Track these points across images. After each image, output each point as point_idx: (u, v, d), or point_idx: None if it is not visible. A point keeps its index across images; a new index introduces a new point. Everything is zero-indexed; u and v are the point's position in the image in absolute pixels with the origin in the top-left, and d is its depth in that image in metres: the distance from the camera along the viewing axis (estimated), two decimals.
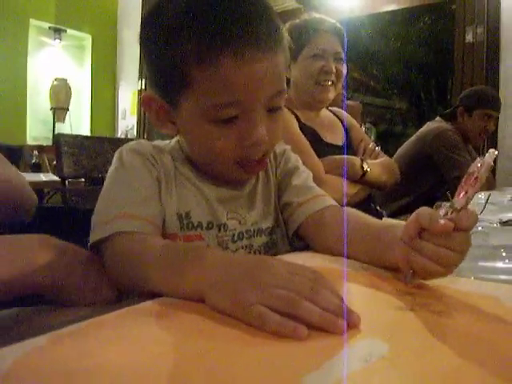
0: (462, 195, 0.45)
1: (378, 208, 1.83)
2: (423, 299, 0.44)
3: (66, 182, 0.99)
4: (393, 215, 1.94)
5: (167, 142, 0.72)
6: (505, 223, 0.94)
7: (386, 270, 0.54)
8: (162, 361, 0.29)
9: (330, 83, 1.37)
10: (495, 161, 2.00)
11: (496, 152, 0.46)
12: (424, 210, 0.47)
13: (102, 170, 1.03)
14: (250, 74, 0.54)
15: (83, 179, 1.05)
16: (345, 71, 1.40)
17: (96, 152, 1.02)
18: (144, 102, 0.64)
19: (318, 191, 0.74)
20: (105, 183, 0.64)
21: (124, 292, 0.55)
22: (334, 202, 0.73)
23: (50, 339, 0.32)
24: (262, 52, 0.55)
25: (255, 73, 0.55)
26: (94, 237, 0.56)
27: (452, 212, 0.44)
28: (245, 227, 0.70)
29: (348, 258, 0.59)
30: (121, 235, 0.54)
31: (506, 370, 0.30)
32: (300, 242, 0.74)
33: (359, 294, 0.46)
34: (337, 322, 0.34)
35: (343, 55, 1.38)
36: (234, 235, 0.68)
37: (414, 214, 0.47)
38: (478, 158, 0.47)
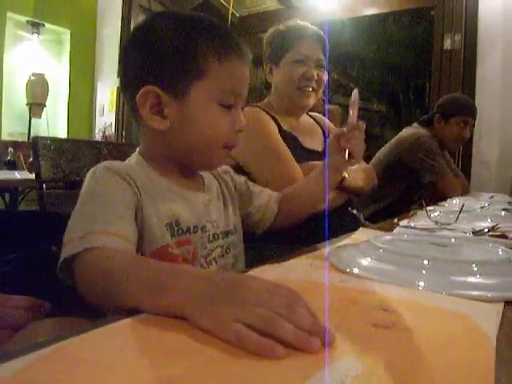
0: (350, 118, 0.91)
1: (355, 211, 1.85)
2: (397, 315, 0.45)
3: (44, 185, 0.97)
4: (369, 218, 1.96)
5: (126, 162, 0.77)
6: (477, 232, 0.96)
7: (364, 284, 0.55)
8: None
9: (310, 89, 1.38)
10: (469, 165, 2.08)
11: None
12: (334, 129, 0.78)
13: (81, 174, 1.02)
14: (246, 73, 0.75)
15: (61, 182, 1.03)
16: (326, 78, 1.41)
17: (74, 155, 1.01)
18: (142, 96, 0.69)
19: (267, 190, 0.99)
20: (78, 201, 0.65)
21: (97, 308, 0.54)
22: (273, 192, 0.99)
23: (37, 358, 0.31)
24: (248, 63, 0.76)
25: (247, 73, 0.76)
26: (64, 253, 0.57)
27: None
28: (218, 229, 0.80)
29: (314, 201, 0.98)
30: (92, 251, 0.55)
31: None
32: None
33: (335, 309, 0.47)
34: (311, 341, 0.35)
35: (325, 62, 1.40)
36: (209, 236, 0.77)
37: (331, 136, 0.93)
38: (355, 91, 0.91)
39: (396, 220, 1.16)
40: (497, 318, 0.44)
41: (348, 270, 0.61)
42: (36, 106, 3.94)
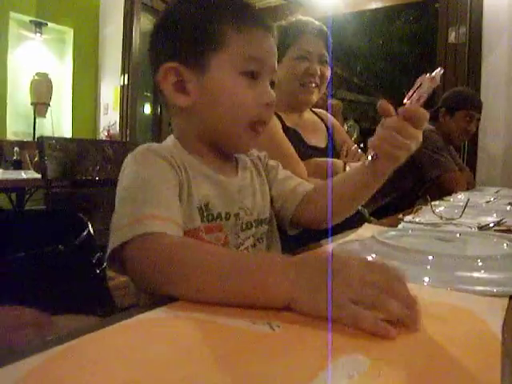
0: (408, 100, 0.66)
1: (360, 207, 1.85)
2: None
3: (50, 184, 0.98)
4: (374, 214, 1.96)
5: (164, 145, 0.74)
6: (482, 227, 0.96)
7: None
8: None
9: (313, 85, 1.38)
10: (475, 159, 2.03)
11: (438, 77, 0.65)
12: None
13: (86, 173, 1.02)
14: (269, 42, 0.71)
15: (67, 182, 1.04)
16: (329, 74, 1.41)
17: (79, 154, 1.01)
18: (163, 72, 0.68)
19: (299, 179, 0.88)
20: (120, 186, 0.62)
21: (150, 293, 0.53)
22: (309, 184, 0.86)
23: (47, 358, 0.32)
24: (273, 33, 0.73)
25: (270, 42, 0.72)
26: (114, 241, 0.54)
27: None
28: (252, 217, 0.76)
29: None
30: (145, 237, 0.52)
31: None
32: (293, 229, 0.84)
33: None
34: (412, 316, 0.39)
35: (328, 58, 1.39)
36: (242, 224, 0.74)
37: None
38: (427, 75, 0.67)
39: (401, 215, 1.16)
40: (502, 313, 0.44)
41: None
42: (40, 105, 3.96)
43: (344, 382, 0.30)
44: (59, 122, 4.26)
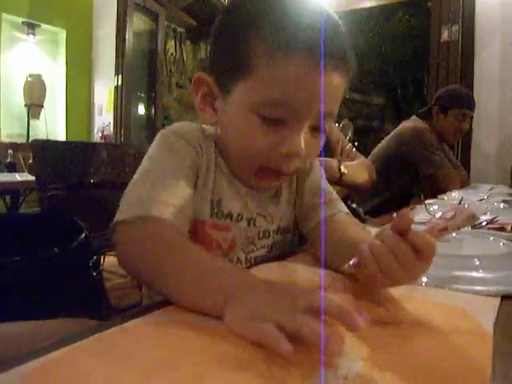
0: (432, 223, 0.47)
1: (355, 205, 1.86)
2: (397, 311, 0.45)
3: (44, 188, 0.98)
4: (369, 212, 1.98)
5: (195, 128, 0.70)
6: (475, 226, 0.97)
7: (360, 284, 0.55)
8: None
9: None
10: (469, 157, 2.04)
11: (481, 213, 0.46)
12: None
13: (80, 175, 1.02)
14: (313, 83, 0.54)
15: (61, 185, 1.04)
16: None
17: (73, 157, 1.01)
18: (195, 83, 0.64)
19: (329, 194, 0.74)
20: (144, 162, 0.62)
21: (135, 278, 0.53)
22: (343, 209, 0.72)
23: (43, 363, 0.32)
24: (332, 67, 0.55)
25: (317, 83, 0.54)
26: (122, 212, 0.54)
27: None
28: (271, 226, 0.71)
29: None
30: (147, 221, 0.52)
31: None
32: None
33: None
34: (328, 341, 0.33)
35: None
36: (259, 232, 0.70)
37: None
38: (467, 204, 0.49)
39: (395, 214, 1.16)
40: (493, 312, 0.45)
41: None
42: (34, 107, 3.94)
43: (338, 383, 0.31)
44: (53, 124, 4.24)
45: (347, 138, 3.97)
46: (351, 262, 0.48)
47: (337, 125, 3.81)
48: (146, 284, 0.48)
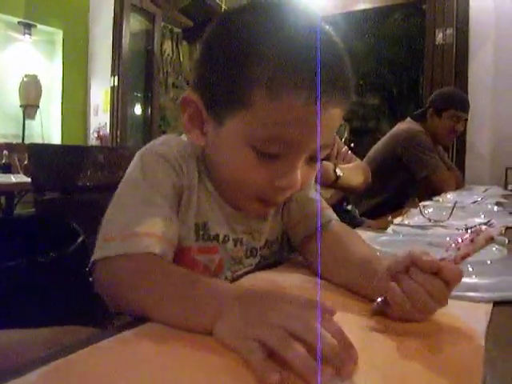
0: (451, 248, 0.47)
1: (351, 207, 1.87)
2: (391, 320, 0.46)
3: (40, 191, 0.98)
4: (365, 214, 1.98)
5: (179, 144, 0.66)
6: (469, 229, 0.98)
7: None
8: None
9: None
10: (463, 159, 2.04)
11: (498, 233, 0.45)
12: (419, 249, 0.47)
13: (77, 179, 1.02)
14: (315, 121, 0.51)
15: (57, 188, 1.04)
16: None
17: (70, 161, 1.01)
18: (182, 103, 0.60)
19: (318, 204, 0.72)
20: (121, 186, 0.60)
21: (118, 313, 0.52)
22: (333, 216, 0.71)
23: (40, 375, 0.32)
24: (334, 103, 0.52)
25: (313, 119, 0.51)
26: (104, 250, 0.52)
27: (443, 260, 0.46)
28: (259, 243, 0.69)
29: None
30: (131, 256, 0.50)
31: None
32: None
33: None
34: (316, 372, 0.32)
35: None
36: (247, 250, 0.68)
37: (407, 250, 0.47)
38: (484, 226, 0.49)
39: (390, 217, 1.18)
40: (486, 319, 0.46)
41: None
42: (29, 107, 3.93)
43: None
44: (49, 124, 4.22)
45: (344, 138, 3.97)
46: (379, 300, 0.46)
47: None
48: (133, 311, 0.47)
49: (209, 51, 0.58)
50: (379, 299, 0.46)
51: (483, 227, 0.48)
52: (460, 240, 0.47)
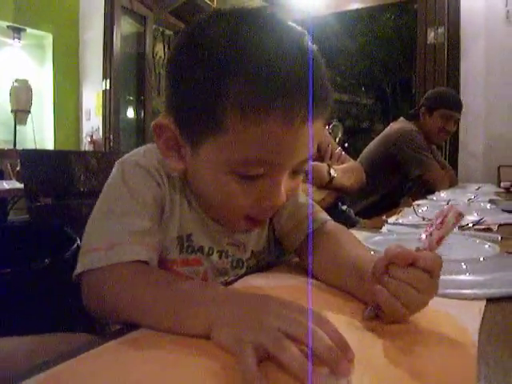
0: (424, 237, 0.46)
1: (345, 207, 1.88)
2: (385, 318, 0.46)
3: (33, 197, 0.97)
4: (360, 213, 1.99)
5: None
6: (462, 227, 0.99)
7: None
8: None
9: None
10: (456, 157, 2.05)
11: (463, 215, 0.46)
12: (393, 245, 0.46)
13: (70, 185, 1.02)
14: (294, 139, 0.49)
15: (50, 194, 1.04)
16: None
17: (63, 167, 1.01)
18: (155, 129, 0.57)
19: (308, 209, 0.70)
20: (102, 197, 0.59)
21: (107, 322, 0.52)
22: (326, 218, 0.70)
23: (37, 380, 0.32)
24: (313, 119, 0.50)
25: (299, 138, 0.50)
26: (87, 263, 0.52)
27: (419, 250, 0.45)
28: (244, 255, 0.68)
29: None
30: (116, 266, 0.50)
31: None
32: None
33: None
34: (310, 373, 0.32)
35: None
36: (232, 262, 0.67)
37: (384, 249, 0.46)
38: (449, 204, 0.46)
39: (384, 217, 1.18)
40: (479, 316, 0.46)
41: None
42: (21, 112, 3.91)
43: None
44: (41, 129, 4.20)
45: (338, 138, 3.96)
46: (369, 308, 0.46)
47: (327, 126, 3.82)
48: (123, 320, 0.47)
49: (176, 72, 0.54)
50: (369, 307, 0.46)
51: (448, 205, 0.47)
52: (431, 226, 0.46)
